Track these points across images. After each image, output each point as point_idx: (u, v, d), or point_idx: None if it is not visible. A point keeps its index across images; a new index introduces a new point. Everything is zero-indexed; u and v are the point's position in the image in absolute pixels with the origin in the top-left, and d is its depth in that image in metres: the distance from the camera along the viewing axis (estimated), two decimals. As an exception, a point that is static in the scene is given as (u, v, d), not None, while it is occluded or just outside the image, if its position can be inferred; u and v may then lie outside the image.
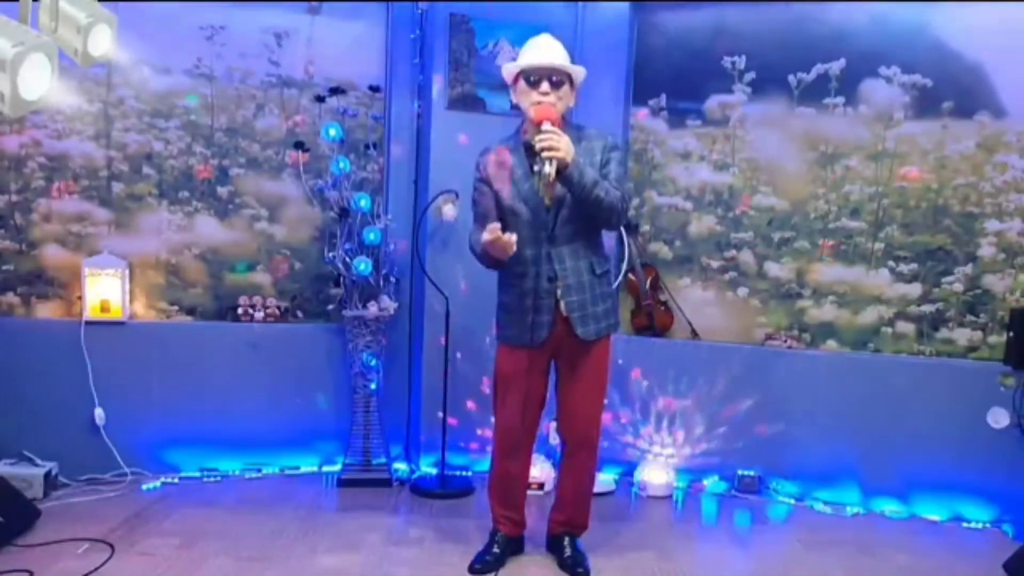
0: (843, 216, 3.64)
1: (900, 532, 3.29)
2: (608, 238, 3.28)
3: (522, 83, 2.53)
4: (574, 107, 2.65)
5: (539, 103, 2.48)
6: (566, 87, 2.53)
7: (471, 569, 2.69)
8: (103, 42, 2.13)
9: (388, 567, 2.71)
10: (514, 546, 2.82)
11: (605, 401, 2.76)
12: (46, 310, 3.52)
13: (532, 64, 2.51)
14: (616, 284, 3.80)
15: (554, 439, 3.41)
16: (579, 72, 2.56)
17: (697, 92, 3.81)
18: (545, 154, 2.35)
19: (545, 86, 2.48)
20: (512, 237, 2.42)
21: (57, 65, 1.82)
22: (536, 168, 2.43)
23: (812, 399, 3.56)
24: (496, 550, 2.75)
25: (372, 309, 3.57)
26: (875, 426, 3.44)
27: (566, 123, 2.57)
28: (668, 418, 3.77)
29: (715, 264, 3.85)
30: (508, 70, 2.60)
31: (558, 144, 2.35)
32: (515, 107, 3.63)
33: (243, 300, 3.68)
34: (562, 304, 2.56)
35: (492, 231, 2.40)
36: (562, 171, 2.38)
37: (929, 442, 3.37)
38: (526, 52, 2.57)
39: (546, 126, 2.39)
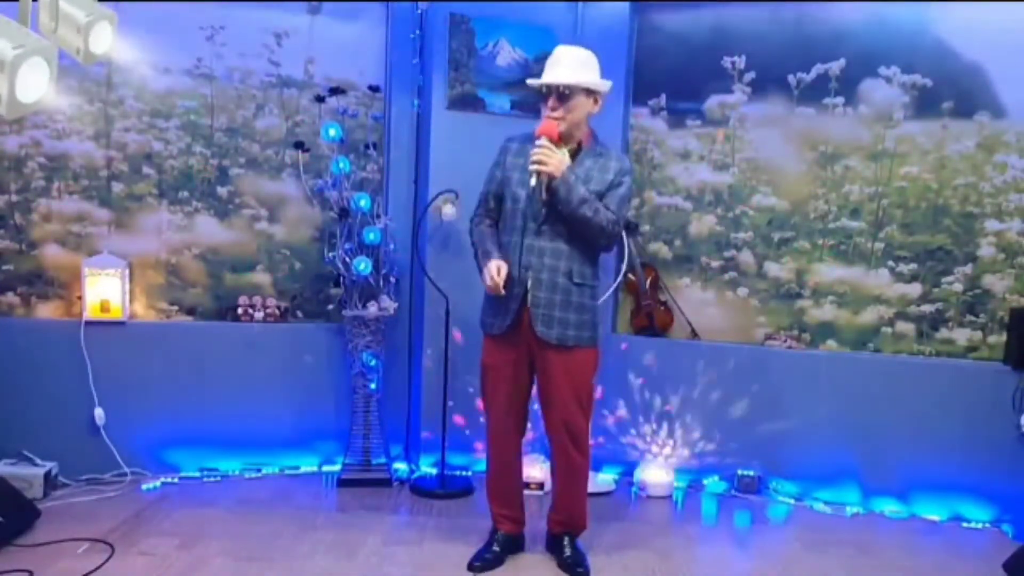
0: (843, 216, 3.64)
1: (900, 532, 3.29)
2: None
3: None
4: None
5: (547, 118, 2.57)
6: (576, 99, 2.56)
7: (470, 567, 2.70)
8: (104, 39, 2.13)
9: (388, 567, 2.71)
10: (514, 544, 2.83)
11: (586, 408, 2.70)
12: (46, 310, 3.52)
13: (536, 83, 2.62)
14: (615, 285, 3.81)
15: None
16: (590, 82, 2.58)
17: (697, 92, 3.81)
18: (532, 167, 2.49)
19: (552, 101, 2.57)
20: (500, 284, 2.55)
21: (56, 69, 1.82)
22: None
23: (812, 399, 3.56)
24: (496, 548, 2.76)
25: (372, 309, 3.58)
26: (875, 426, 3.45)
27: (593, 138, 2.67)
28: (668, 418, 3.77)
29: (715, 264, 3.85)
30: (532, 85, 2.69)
31: (547, 160, 2.49)
32: (515, 107, 3.69)
33: (243, 300, 3.68)
34: (528, 296, 2.59)
35: (495, 279, 2.54)
36: (550, 185, 2.51)
37: (929, 442, 3.37)
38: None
39: (541, 141, 2.51)
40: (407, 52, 3.70)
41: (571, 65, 2.57)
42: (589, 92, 2.59)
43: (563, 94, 2.55)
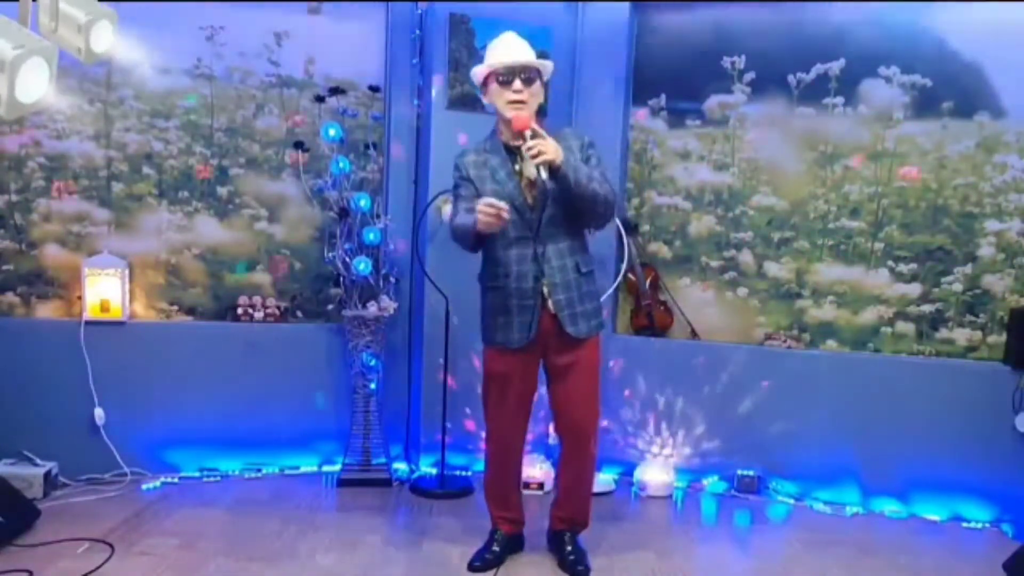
0: (843, 216, 3.64)
1: (900, 532, 3.29)
2: (603, 239, 3.27)
3: (494, 84, 2.53)
4: (572, 106, 2.66)
5: (512, 102, 2.48)
6: (537, 83, 2.54)
7: (470, 567, 2.69)
8: (105, 38, 2.14)
9: (388, 567, 2.71)
10: (514, 544, 2.83)
11: (599, 398, 2.75)
12: (46, 310, 3.52)
13: (503, 63, 2.50)
14: (614, 285, 3.81)
15: (553, 439, 3.41)
16: (548, 67, 2.58)
17: (697, 92, 3.81)
18: (536, 161, 2.38)
19: (517, 84, 2.49)
20: (504, 205, 2.36)
21: (55, 70, 1.82)
22: (519, 169, 2.46)
23: (812, 399, 3.56)
24: (495, 548, 2.75)
25: (372, 309, 3.58)
26: (875, 426, 3.44)
27: (540, 119, 2.59)
28: (668, 418, 3.77)
29: (715, 264, 3.85)
30: (478, 72, 2.59)
31: (546, 149, 2.38)
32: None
33: (243, 300, 3.68)
34: (550, 303, 2.56)
35: (492, 209, 2.33)
36: (555, 173, 2.41)
37: (929, 442, 3.37)
38: (493, 51, 2.56)
39: (529, 133, 2.40)
40: (407, 52, 3.70)
41: (525, 48, 2.53)
42: (541, 79, 2.56)
43: (527, 78, 2.49)
